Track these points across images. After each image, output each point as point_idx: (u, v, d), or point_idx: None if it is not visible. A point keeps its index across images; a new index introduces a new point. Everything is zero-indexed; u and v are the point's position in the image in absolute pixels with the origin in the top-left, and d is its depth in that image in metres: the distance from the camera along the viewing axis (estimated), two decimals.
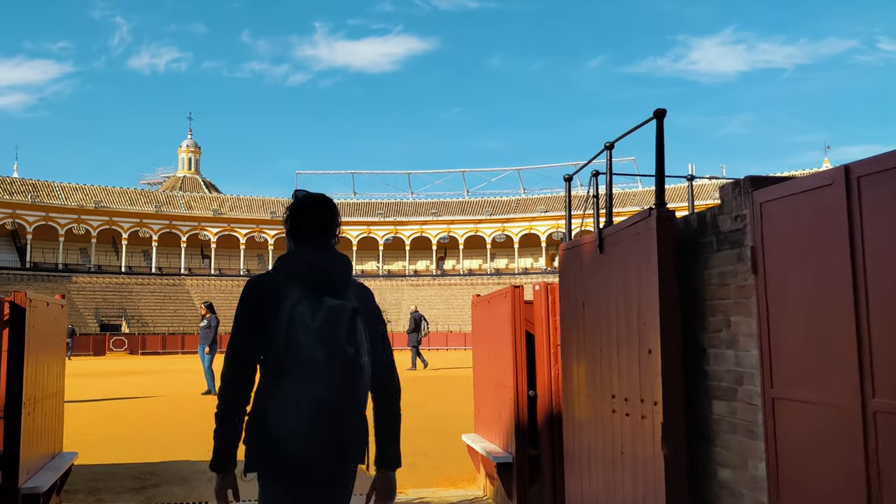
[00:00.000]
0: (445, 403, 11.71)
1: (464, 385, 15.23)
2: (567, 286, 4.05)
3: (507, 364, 4.84)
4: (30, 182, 55.13)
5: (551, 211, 60.25)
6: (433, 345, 49.20)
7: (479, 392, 5.98)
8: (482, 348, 5.86)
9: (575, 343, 3.89)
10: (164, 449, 7.42)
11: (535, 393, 4.66)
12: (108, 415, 10.04)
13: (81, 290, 52.07)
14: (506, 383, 4.91)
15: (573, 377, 3.92)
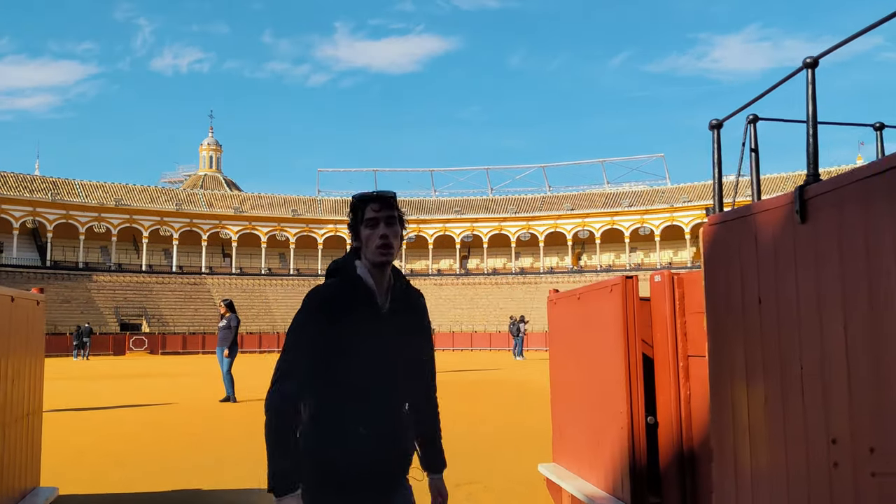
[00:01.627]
0: (494, 415, 10.55)
1: (503, 391, 14.37)
2: (721, 276, 2.88)
3: (614, 380, 3.69)
4: (50, 180, 54.65)
5: (578, 209, 58.92)
6: (457, 345, 48.04)
7: (560, 411, 4.82)
8: (566, 357, 4.69)
9: (741, 357, 2.72)
10: (179, 474, 6.33)
11: (656, 420, 3.51)
12: (115, 428, 8.97)
13: (102, 289, 51.50)
14: (611, 405, 3.76)
15: (735, 407, 2.75)
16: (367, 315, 2.30)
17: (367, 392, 2.27)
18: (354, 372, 2.27)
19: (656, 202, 57.67)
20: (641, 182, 61.10)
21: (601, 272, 57.18)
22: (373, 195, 2.39)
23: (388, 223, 2.33)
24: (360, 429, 2.24)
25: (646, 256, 59.09)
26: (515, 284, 57.79)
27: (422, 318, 2.47)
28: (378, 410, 2.27)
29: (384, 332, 2.31)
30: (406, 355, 2.36)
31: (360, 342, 2.28)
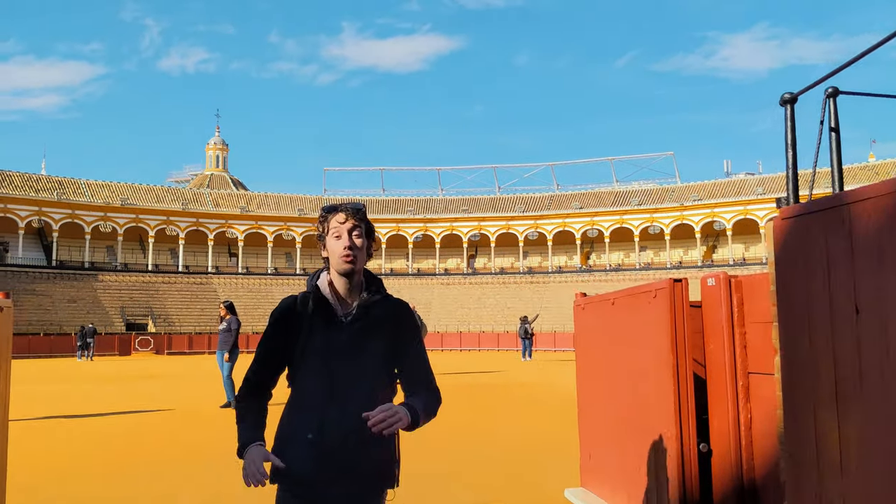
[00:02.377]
0: (508, 425, 10.00)
1: (515, 397, 13.75)
2: (798, 280, 2.38)
3: (658, 400, 3.18)
4: (56, 179, 54.34)
5: (586, 207, 58.33)
6: (465, 345, 47.51)
7: (589, 429, 4.31)
8: (597, 369, 4.18)
9: (828, 380, 2.22)
10: (169, 497, 5.83)
11: (709, 447, 3.01)
12: (105, 438, 8.48)
13: (108, 289, 51.20)
14: (653, 428, 3.26)
15: (822, 441, 2.25)
16: (321, 325, 2.38)
17: (318, 400, 2.34)
18: (305, 380, 2.37)
19: (666, 201, 57.03)
20: (651, 180, 60.50)
21: (610, 271, 56.62)
22: (339, 207, 2.45)
23: (353, 234, 2.39)
24: (308, 435, 2.31)
25: (655, 255, 58.46)
26: (523, 284, 57.24)
27: (396, 326, 2.44)
28: (328, 419, 2.31)
29: (340, 342, 2.36)
30: (368, 365, 2.37)
31: (311, 352, 2.36)
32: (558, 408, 11.71)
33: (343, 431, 2.30)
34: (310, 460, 2.29)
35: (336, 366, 2.35)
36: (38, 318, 45.38)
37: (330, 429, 2.30)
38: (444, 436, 8.94)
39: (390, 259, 60.66)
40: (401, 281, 58.36)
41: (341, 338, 2.37)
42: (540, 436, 8.86)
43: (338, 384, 2.34)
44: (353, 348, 2.37)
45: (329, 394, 2.33)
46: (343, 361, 2.36)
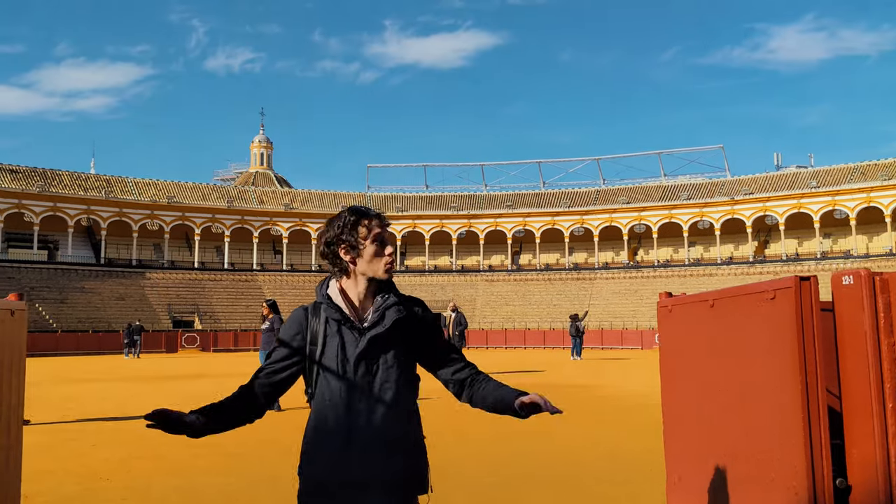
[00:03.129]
0: (566, 433, 9.37)
1: (571, 400, 12.52)
2: None
3: (779, 423, 2.62)
4: (104, 178, 55.07)
5: (634, 202, 57.18)
6: (510, 343, 46.87)
7: (679, 448, 3.74)
8: (689, 383, 3.61)
9: None
10: None
11: (847, 483, 2.44)
12: (140, 444, 8.13)
13: (155, 286, 51.71)
14: (770, 456, 2.69)
15: None
16: (337, 335, 2.36)
17: (343, 410, 2.30)
18: (328, 392, 2.33)
19: (716, 195, 55.62)
20: (700, 174, 59.09)
21: (658, 267, 55.47)
22: (373, 212, 2.45)
23: (391, 242, 2.46)
24: (337, 446, 2.29)
25: (705, 251, 57.10)
26: (569, 280, 56.36)
27: (416, 324, 2.43)
28: (356, 428, 2.28)
29: (361, 349, 2.33)
30: (392, 369, 2.35)
31: (330, 363, 2.34)
32: (624, 413, 11.06)
33: (373, 440, 2.28)
34: (340, 472, 2.27)
35: (359, 374, 2.32)
36: (88, 315, 45.97)
37: (359, 438, 2.28)
38: (501, 442, 8.42)
39: (434, 256, 60.27)
40: (444, 278, 57.95)
41: (362, 345, 2.34)
42: (609, 446, 8.23)
43: (363, 392, 2.31)
44: (375, 354, 2.34)
45: (355, 403, 2.31)
46: (366, 368, 2.33)
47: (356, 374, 2.32)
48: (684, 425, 3.63)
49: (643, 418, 10.39)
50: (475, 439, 8.75)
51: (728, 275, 52.38)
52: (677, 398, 3.72)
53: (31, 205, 50.26)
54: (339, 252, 2.43)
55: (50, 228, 51.33)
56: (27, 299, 27.73)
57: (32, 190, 50.21)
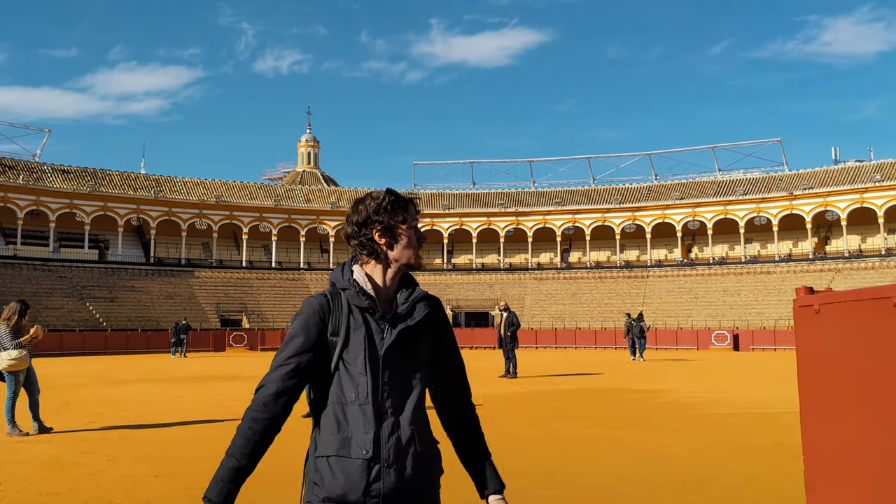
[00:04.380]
0: (653, 449, 8.46)
1: (640, 406, 11.55)
2: None
3: None
4: (153, 178, 55.42)
5: (687, 198, 55.48)
6: (560, 343, 45.71)
7: (830, 491, 2.82)
8: (850, 406, 2.70)
9: None
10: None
11: None
12: (160, 461, 7.42)
13: (203, 285, 51.80)
14: None
15: None
16: (362, 326, 2.17)
17: (368, 411, 2.12)
18: (349, 390, 2.15)
19: (773, 190, 53.60)
20: (756, 169, 57.04)
21: (713, 265, 53.71)
22: (411, 199, 2.33)
23: (423, 233, 2.34)
24: (362, 452, 2.09)
25: (762, 248, 55.14)
26: (620, 278, 54.92)
27: (439, 323, 2.30)
28: (383, 431, 2.11)
29: (389, 344, 2.16)
30: (417, 368, 2.21)
31: (354, 358, 2.16)
32: (700, 425, 10.00)
33: (401, 445, 2.11)
34: (366, 481, 2.06)
35: (387, 371, 2.15)
36: (137, 314, 46.18)
37: (387, 443, 2.10)
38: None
39: (481, 254, 59.38)
40: (492, 276, 57.02)
41: (391, 338, 2.17)
42: (692, 468, 7.25)
43: (390, 392, 2.14)
44: (404, 351, 2.18)
45: (382, 403, 2.13)
46: (394, 366, 2.16)
47: (384, 371, 2.14)
48: (845, 461, 2.71)
49: (724, 431, 9.36)
50: (528, 452, 7.85)
51: (787, 272, 50.46)
52: (833, 424, 2.79)
53: (83, 205, 50.76)
54: (372, 234, 2.23)
55: (100, 228, 51.80)
56: (78, 298, 27.63)
57: (83, 190, 50.70)
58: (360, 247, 2.25)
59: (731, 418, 10.55)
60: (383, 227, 2.23)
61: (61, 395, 14.18)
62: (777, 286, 49.41)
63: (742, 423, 9.98)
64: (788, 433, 8.93)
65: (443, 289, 55.17)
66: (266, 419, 2.14)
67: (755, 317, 46.50)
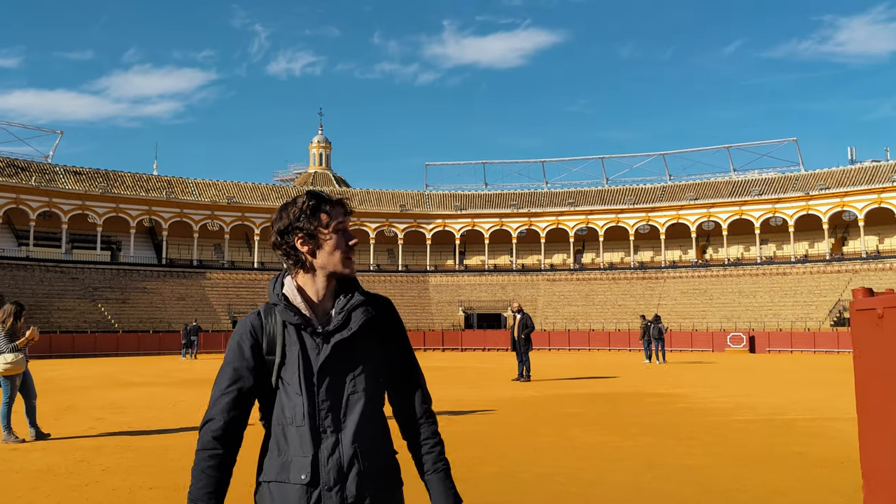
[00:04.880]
0: (672, 449, 8.06)
1: (660, 411, 11.00)
2: None
3: None
4: (165, 179, 55.38)
5: (702, 198, 54.88)
6: (574, 345, 45.24)
7: (885, 489, 2.46)
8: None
9: None
10: None
11: None
12: (157, 471, 7.10)
13: (215, 287, 51.66)
14: None
15: None
16: (296, 342, 2.06)
17: (305, 432, 2.02)
18: (287, 410, 2.05)
19: (789, 190, 52.91)
20: (771, 169, 56.31)
21: (729, 266, 53.09)
22: (336, 199, 2.17)
23: (351, 233, 2.17)
24: (300, 476, 1.99)
25: (778, 249, 54.47)
26: (634, 280, 54.38)
27: (385, 327, 2.16)
28: (322, 452, 2.01)
29: (325, 357, 2.04)
30: (362, 379, 2.07)
31: (290, 375, 2.05)
32: (724, 432, 9.56)
33: (341, 466, 2.00)
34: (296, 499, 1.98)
35: (325, 386, 2.04)
36: (149, 315, 46.07)
37: (326, 465, 2.00)
38: (608, 460, 7.13)
39: (493, 255, 58.99)
40: (505, 277, 56.60)
41: (325, 352, 2.06)
42: (744, 482, 6.70)
43: (329, 410, 2.04)
44: (342, 363, 2.06)
45: (321, 423, 2.03)
46: (332, 380, 2.05)
47: (319, 389, 2.03)
48: None
49: (748, 438, 8.95)
50: (542, 460, 7.49)
51: (804, 273, 49.82)
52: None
53: (95, 206, 50.75)
54: (294, 242, 2.10)
55: (113, 229, 51.77)
56: (90, 300, 27.44)
57: (96, 191, 50.69)
58: (284, 256, 2.13)
59: (754, 425, 10.12)
60: (305, 233, 2.09)
61: (66, 398, 13.93)
62: (793, 287, 48.78)
63: (766, 431, 9.56)
64: (813, 442, 8.55)
65: (455, 290, 54.79)
66: (221, 454, 2.04)
67: (771, 318, 45.89)
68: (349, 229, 2.16)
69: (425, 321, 50.11)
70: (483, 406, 12.55)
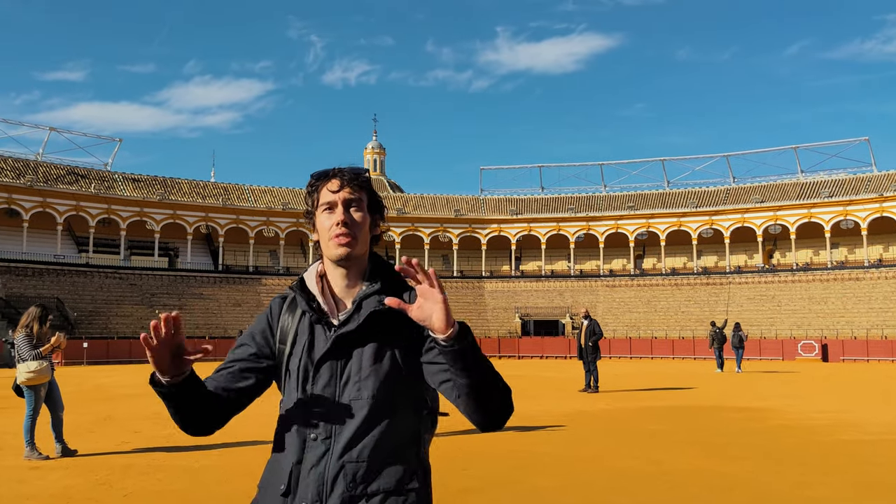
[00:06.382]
0: (781, 477, 6.87)
1: (752, 429, 9.60)
2: None
3: None
4: (221, 185, 55.57)
5: (768, 201, 52.65)
6: (635, 353, 43.61)
7: None
8: None
9: None
10: None
11: None
12: (184, 496, 6.25)
13: (271, 293, 51.44)
14: None
15: None
16: (306, 332, 1.87)
17: (295, 437, 1.81)
18: (286, 408, 1.87)
19: (861, 191, 50.38)
20: (841, 170, 53.75)
21: (797, 271, 50.76)
22: (331, 172, 1.94)
23: (349, 206, 1.89)
24: (280, 486, 1.79)
25: (850, 253, 51.88)
26: (698, 285, 52.40)
27: (401, 318, 1.75)
28: (304, 462, 1.77)
29: (323, 353, 1.83)
30: (369, 381, 1.78)
31: (294, 369, 1.86)
32: (851, 458, 8.10)
33: (323, 481, 1.74)
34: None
35: (320, 386, 1.82)
36: (205, 321, 46.03)
37: (306, 476, 1.76)
38: (710, 492, 5.99)
39: (550, 260, 57.61)
40: (562, 283, 55.19)
41: (324, 349, 1.83)
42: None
43: (324, 413, 1.79)
44: (340, 360, 1.82)
45: (311, 426, 1.80)
46: (329, 378, 1.81)
47: (315, 386, 1.82)
48: None
49: (867, 464, 7.66)
50: (632, 490, 6.40)
51: (878, 278, 47.30)
52: None
53: (152, 213, 51.08)
54: (310, 228, 1.98)
55: (170, 236, 52.04)
56: (148, 306, 27.17)
57: (153, 198, 51.02)
58: (316, 249, 1.99)
59: (865, 447, 8.83)
60: (310, 219, 1.96)
61: (108, 407, 13.31)
62: (867, 293, 46.36)
63: (881, 453, 8.29)
64: None
65: (511, 296, 53.61)
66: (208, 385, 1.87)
67: (844, 326, 43.60)
68: (344, 203, 1.87)
69: (481, 328, 49.02)
70: (551, 421, 11.42)
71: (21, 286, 42.89)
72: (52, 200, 47.59)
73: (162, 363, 1.69)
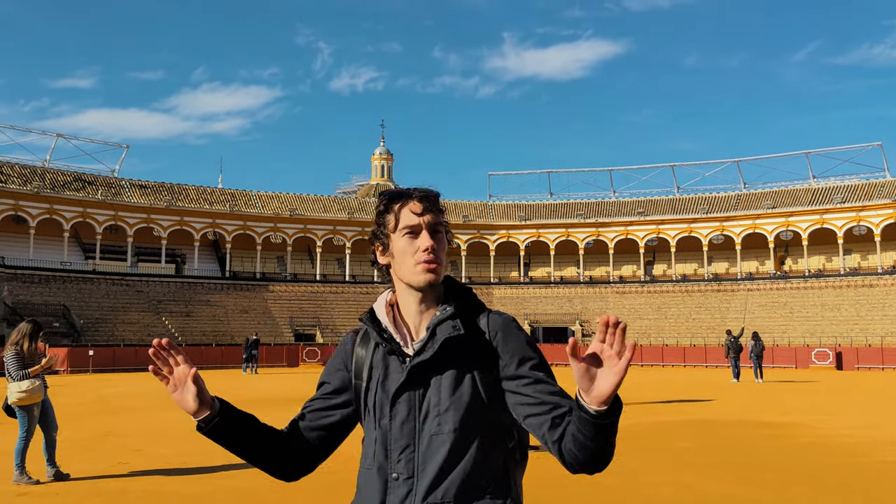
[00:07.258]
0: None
1: (780, 444, 8.93)
2: None
3: None
4: (228, 192, 55.29)
5: (779, 207, 52.06)
6: (646, 360, 43.04)
7: None
8: None
9: None
10: None
11: None
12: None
13: (278, 299, 51.13)
14: None
15: None
16: (380, 365, 1.81)
17: (375, 475, 1.74)
18: (366, 445, 1.82)
19: (875, 197, 49.76)
20: (854, 175, 53.12)
21: (809, 278, 50.11)
22: (410, 192, 1.87)
23: (434, 230, 1.83)
24: None
25: (863, 259, 51.23)
26: (709, 292, 51.80)
27: (494, 347, 1.74)
28: (380, 497, 1.71)
29: (399, 386, 1.75)
30: (450, 414, 1.69)
31: (371, 405, 1.80)
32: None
33: None
34: None
35: (398, 421, 1.73)
36: (212, 328, 45.68)
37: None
38: None
39: (559, 266, 57.11)
40: (572, 290, 54.68)
41: (399, 382, 1.75)
42: None
43: (403, 449, 1.72)
44: (418, 391, 1.74)
45: (391, 465, 1.72)
46: (406, 413, 1.73)
47: (392, 423, 1.74)
48: None
49: None
50: None
51: (892, 285, 46.64)
52: None
53: (159, 219, 50.81)
54: (376, 253, 1.89)
55: (177, 242, 51.75)
56: (154, 313, 26.78)
57: (160, 205, 50.74)
58: (380, 271, 1.92)
59: None
60: (381, 243, 1.86)
61: (107, 422, 12.87)
62: (881, 300, 45.69)
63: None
64: None
65: (520, 303, 53.12)
66: (297, 430, 1.87)
67: (858, 333, 42.94)
68: (429, 227, 1.80)
69: None
70: None
71: (27, 293, 42.62)
72: (58, 207, 47.37)
73: (185, 402, 1.67)
